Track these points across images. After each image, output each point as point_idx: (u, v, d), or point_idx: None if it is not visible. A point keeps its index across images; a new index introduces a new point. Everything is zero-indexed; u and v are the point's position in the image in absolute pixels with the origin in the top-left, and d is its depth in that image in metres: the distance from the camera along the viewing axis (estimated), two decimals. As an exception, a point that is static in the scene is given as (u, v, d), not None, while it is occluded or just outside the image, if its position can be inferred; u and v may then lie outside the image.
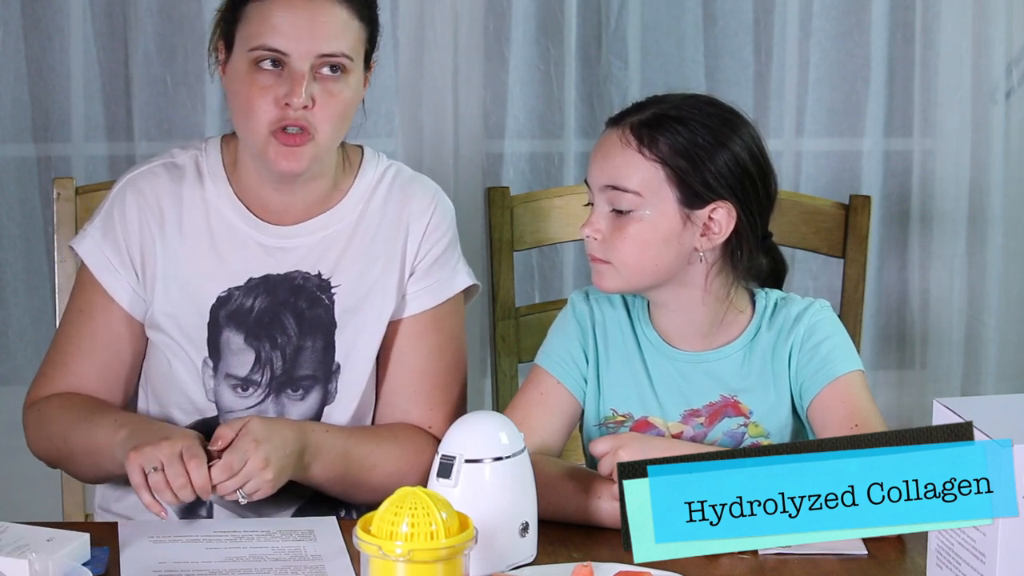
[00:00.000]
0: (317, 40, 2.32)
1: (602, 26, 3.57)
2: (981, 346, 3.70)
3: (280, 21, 2.32)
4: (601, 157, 2.31)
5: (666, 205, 2.28)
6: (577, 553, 2.17)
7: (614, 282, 2.31)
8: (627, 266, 2.29)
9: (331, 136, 2.37)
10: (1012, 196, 3.66)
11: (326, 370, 2.46)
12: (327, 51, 2.33)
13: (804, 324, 2.35)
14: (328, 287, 2.45)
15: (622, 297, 2.40)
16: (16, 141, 3.51)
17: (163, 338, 2.44)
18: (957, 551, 1.91)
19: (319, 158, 2.38)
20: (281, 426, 2.32)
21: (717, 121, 2.30)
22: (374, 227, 2.47)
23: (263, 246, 2.44)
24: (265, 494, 2.26)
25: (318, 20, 2.32)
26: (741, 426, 2.36)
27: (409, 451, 2.41)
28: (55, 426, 2.42)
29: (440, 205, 2.50)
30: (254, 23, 2.34)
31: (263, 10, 2.33)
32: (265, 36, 2.32)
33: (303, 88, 2.31)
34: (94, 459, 2.38)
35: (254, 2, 2.35)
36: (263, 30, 2.33)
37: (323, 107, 2.33)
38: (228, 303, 2.44)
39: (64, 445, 2.41)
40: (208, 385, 2.45)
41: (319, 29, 2.32)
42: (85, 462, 2.42)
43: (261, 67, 2.34)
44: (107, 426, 2.34)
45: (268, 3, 2.33)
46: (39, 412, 2.45)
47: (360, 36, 2.37)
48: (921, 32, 3.62)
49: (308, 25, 2.32)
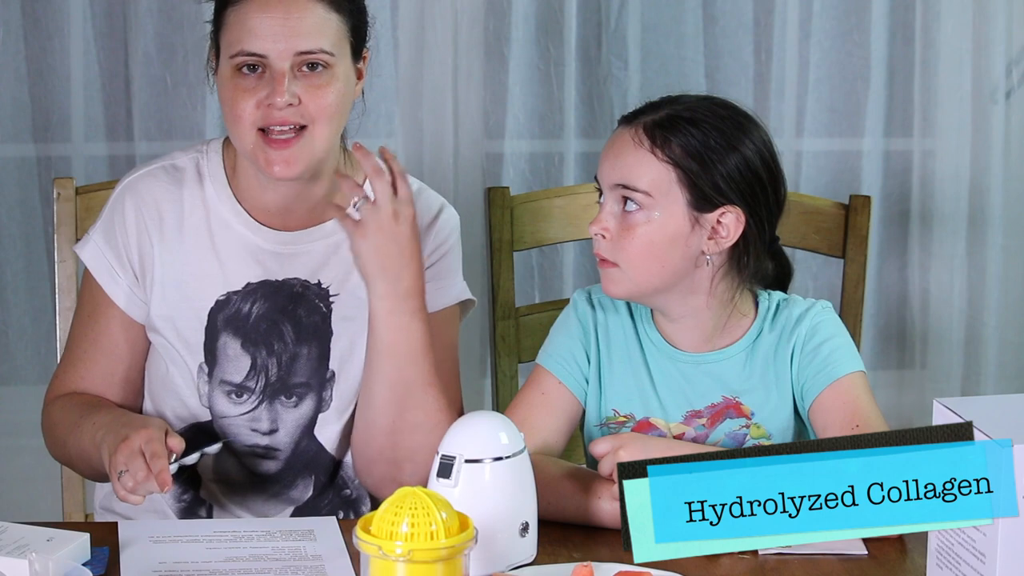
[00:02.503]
0: (293, 39, 2.31)
1: (602, 26, 3.57)
2: (981, 346, 3.69)
3: (256, 24, 2.31)
4: (613, 155, 2.30)
5: (675, 207, 2.27)
6: (577, 553, 2.17)
7: (623, 286, 2.30)
8: (634, 267, 2.28)
9: (326, 131, 2.35)
10: (1012, 196, 3.66)
11: (320, 378, 2.45)
12: (304, 48, 2.31)
13: (806, 325, 2.35)
14: (327, 295, 2.44)
15: None
16: (16, 141, 3.51)
17: (161, 341, 2.44)
18: (957, 551, 1.91)
19: (315, 157, 2.36)
20: None
21: (731, 125, 2.29)
22: None
23: (263, 251, 2.44)
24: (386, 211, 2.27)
25: (292, 18, 2.31)
26: (743, 427, 2.35)
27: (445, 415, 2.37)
28: (59, 430, 2.44)
29: (443, 217, 2.49)
30: (233, 29, 2.33)
31: (239, 14, 2.33)
32: (243, 41, 2.32)
33: (284, 87, 2.30)
34: (87, 463, 2.40)
35: (231, 7, 2.34)
36: (241, 35, 2.32)
37: (311, 102, 2.32)
38: (226, 307, 2.43)
39: (65, 449, 2.43)
40: (202, 390, 2.44)
41: (295, 28, 2.31)
42: (83, 467, 2.44)
43: (243, 72, 2.33)
44: (88, 432, 2.35)
45: (244, 6, 2.32)
46: (49, 415, 2.47)
47: (340, 30, 2.35)
48: (921, 32, 3.62)
49: (283, 25, 2.31)
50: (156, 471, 2.16)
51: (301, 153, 2.34)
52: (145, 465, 2.17)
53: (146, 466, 2.16)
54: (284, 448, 2.46)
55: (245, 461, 2.46)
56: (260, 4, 2.31)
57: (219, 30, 2.37)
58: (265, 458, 2.46)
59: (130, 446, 2.19)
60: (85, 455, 2.37)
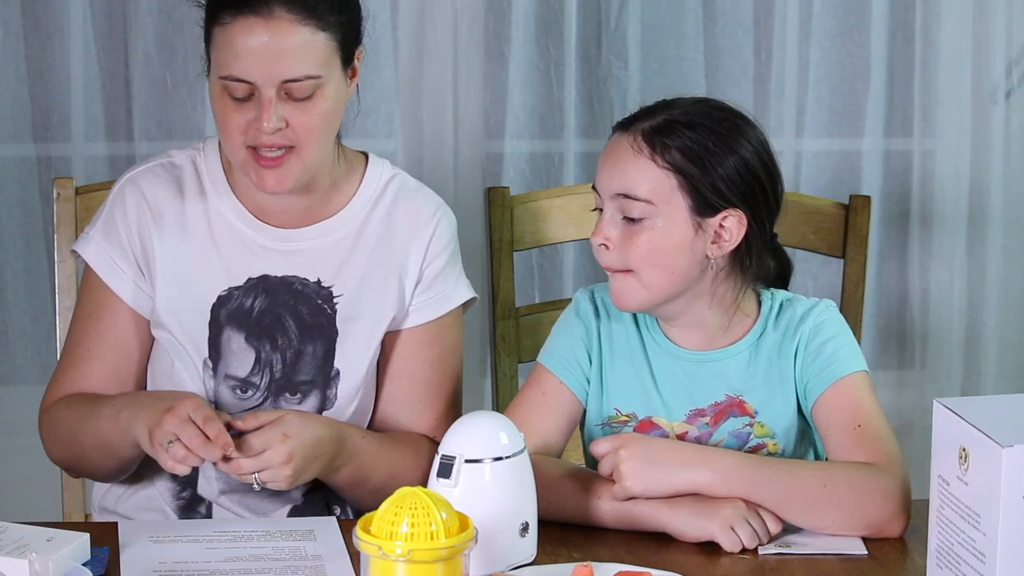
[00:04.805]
0: (279, 66, 2.29)
1: (602, 26, 3.57)
2: (981, 346, 3.69)
3: (241, 47, 2.29)
4: (611, 164, 2.29)
5: (677, 213, 2.26)
6: (577, 553, 2.17)
7: (637, 296, 2.28)
8: (648, 272, 2.26)
9: (315, 150, 2.36)
10: (1012, 196, 3.66)
11: (325, 376, 2.46)
12: (290, 76, 2.30)
13: (809, 324, 2.35)
14: (330, 296, 2.45)
15: None
16: (16, 141, 3.51)
17: (166, 336, 2.44)
18: (957, 551, 1.91)
19: (307, 172, 2.37)
20: (318, 426, 2.31)
21: (728, 127, 2.28)
22: (375, 237, 2.47)
23: (262, 247, 2.44)
24: (281, 488, 2.27)
25: (275, 44, 2.29)
26: (746, 426, 2.35)
27: (424, 461, 2.40)
28: (64, 426, 2.43)
29: (443, 218, 2.50)
30: (220, 49, 2.32)
31: (225, 35, 2.31)
32: (231, 66, 2.31)
33: (271, 113, 2.30)
34: (107, 451, 2.38)
35: (218, 26, 2.33)
36: (228, 59, 2.31)
37: (299, 125, 2.32)
38: (228, 302, 2.44)
39: (76, 444, 2.42)
40: (208, 386, 2.45)
41: (278, 52, 2.29)
42: (98, 457, 2.41)
43: (230, 96, 2.33)
44: (108, 416, 2.34)
45: (229, 27, 2.31)
46: (50, 417, 2.46)
47: (328, 48, 2.33)
48: (921, 32, 3.62)
49: (267, 51, 2.29)
50: (214, 435, 2.18)
51: (291, 171, 2.35)
52: (199, 432, 2.18)
53: (201, 433, 2.18)
54: None
55: None
56: (245, 27, 2.29)
57: (208, 43, 2.36)
58: None
59: (177, 415, 2.20)
60: (103, 440, 2.36)
